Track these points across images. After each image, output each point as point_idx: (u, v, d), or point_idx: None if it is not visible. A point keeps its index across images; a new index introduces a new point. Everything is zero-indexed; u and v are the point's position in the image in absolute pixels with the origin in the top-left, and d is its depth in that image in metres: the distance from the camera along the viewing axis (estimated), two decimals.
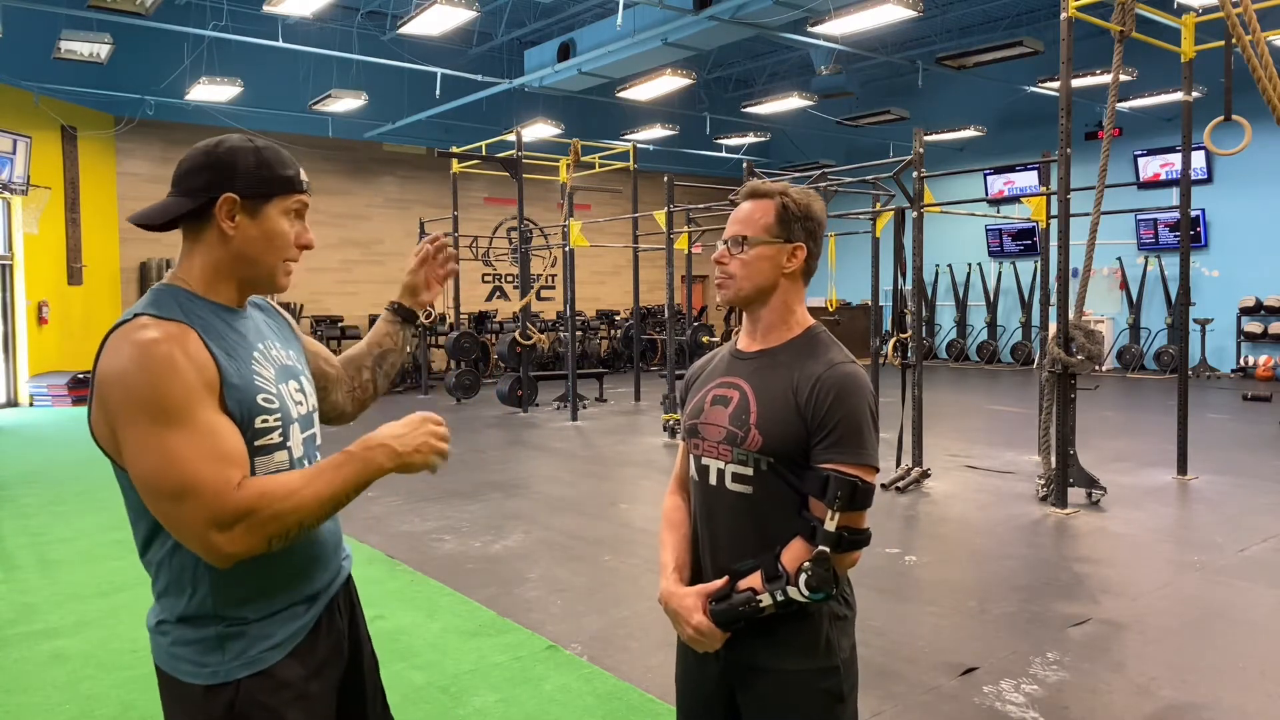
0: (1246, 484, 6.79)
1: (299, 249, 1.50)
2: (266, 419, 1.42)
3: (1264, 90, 3.97)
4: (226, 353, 1.40)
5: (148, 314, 1.36)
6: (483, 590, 4.56)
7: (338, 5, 14.14)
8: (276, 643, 1.44)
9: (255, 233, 1.44)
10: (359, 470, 1.39)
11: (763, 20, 11.64)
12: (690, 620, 1.66)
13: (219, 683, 1.39)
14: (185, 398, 1.30)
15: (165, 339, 1.32)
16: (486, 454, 8.48)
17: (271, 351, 1.52)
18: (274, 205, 1.45)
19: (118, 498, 1.48)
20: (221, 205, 1.42)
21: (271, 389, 1.45)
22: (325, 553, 1.54)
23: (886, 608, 4.26)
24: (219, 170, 1.42)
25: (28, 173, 11.86)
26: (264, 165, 1.44)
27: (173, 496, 1.29)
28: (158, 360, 1.30)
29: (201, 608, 1.40)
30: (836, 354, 1.68)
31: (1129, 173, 15.16)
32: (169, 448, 1.29)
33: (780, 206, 1.70)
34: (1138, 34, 6.32)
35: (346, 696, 1.59)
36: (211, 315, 1.43)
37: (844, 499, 1.56)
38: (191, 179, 1.43)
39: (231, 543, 1.29)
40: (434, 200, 16.77)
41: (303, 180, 1.49)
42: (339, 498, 1.37)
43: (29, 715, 3.26)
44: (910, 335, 7.37)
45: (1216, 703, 3.26)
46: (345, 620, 1.61)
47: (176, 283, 1.45)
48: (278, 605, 1.45)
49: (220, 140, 1.46)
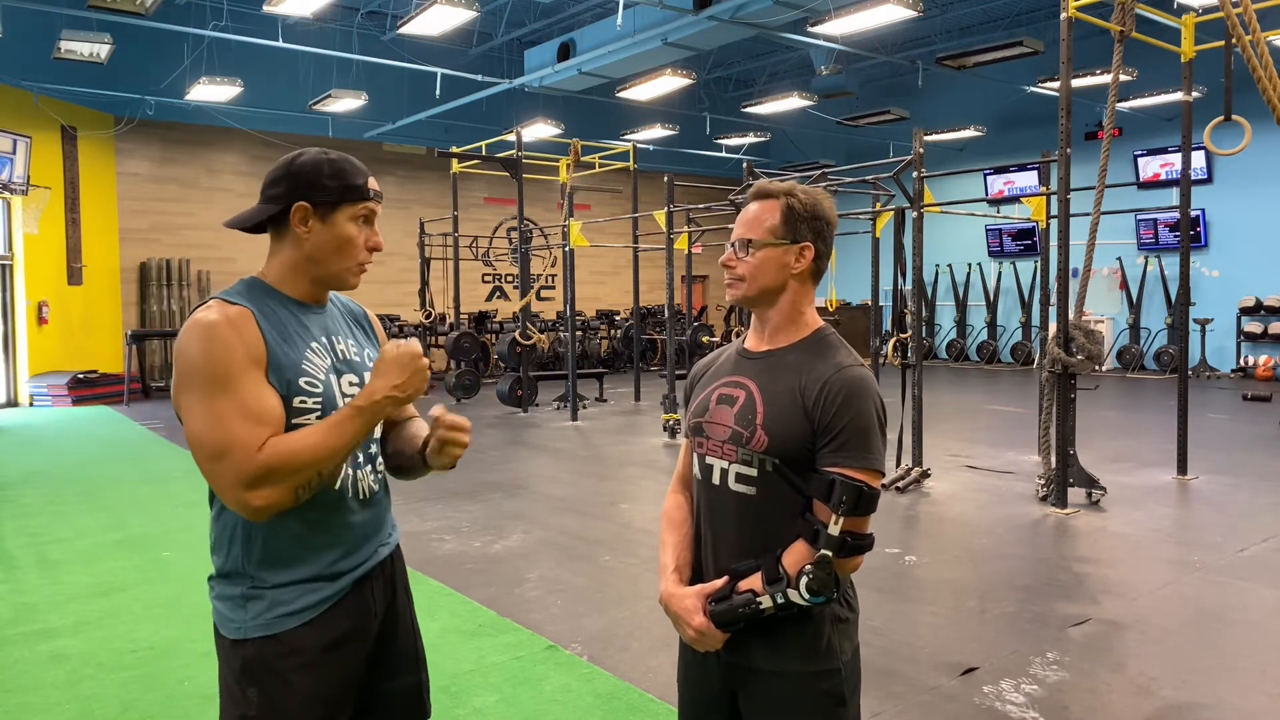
0: (1246, 484, 6.79)
1: (369, 251, 1.65)
2: (305, 400, 1.57)
3: (1264, 90, 3.97)
4: (280, 337, 1.56)
5: (218, 298, 1.56)
6: (483, 590, 4.56)
7: (338, 5, 14.15)
8: (293, 610, 1.56)
9: (326, 237, 1.61)
10: (368, 421, 1.55)
11: (763, 20, 11.64)
12: (691, 621, 1.66)
13: (240, 638, 1.56)
14: (230, 368, 1.48)
15: (222, 319, 1.51)
16: (486, 454, 8.48)
17: (338, 346, 1.68)
18: (343, 212, 1.61)
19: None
20: (296, 212, 1.59)
21: (319, 375, 1.60)
22: (355, 536, 1.65)
23: (886, 608, 4.26)
24: (295, 180, 1.59)
25: (28, 173, 11.85)
26: (335, 175, 1.60)
27: (213, 456, 1.47)
28: (212, 337, 1.49)
29: (234, 564, 1.58)
30: (845, 356, 1.67)
31: (1129, 173, 15.16)
32: (213, 411, 1.47)
33: (786, 207, 1.68)
34: (1138, 34, 6.32)
35: (373, 679, 1.68)
36: (278, 305, 1.60)
37: (849, 503, 1.55)
38: (273, 188, 1.61)
39: (260, 497, 1.46)
40: (434, 200, 16.76)
41: (371, 189, 1.64)
42: (350, 446, 1.53)
43: (29, 715, 3.25)
44: (910, 335, 7.37)
45: (1216, 703, 3.26)
46: (381, 602, 1.70)
47: (258, 276, 1.64)
48: (299, 575, 1.57)
49: (300, 153, 1.62)
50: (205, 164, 15.03)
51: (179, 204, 14.73)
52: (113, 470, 7.82)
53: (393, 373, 1.55)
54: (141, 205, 14.39)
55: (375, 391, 1.54)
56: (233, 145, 15.10)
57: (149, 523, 5.95)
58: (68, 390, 12.15)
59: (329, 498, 1.60)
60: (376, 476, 1.73)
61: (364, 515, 1.67)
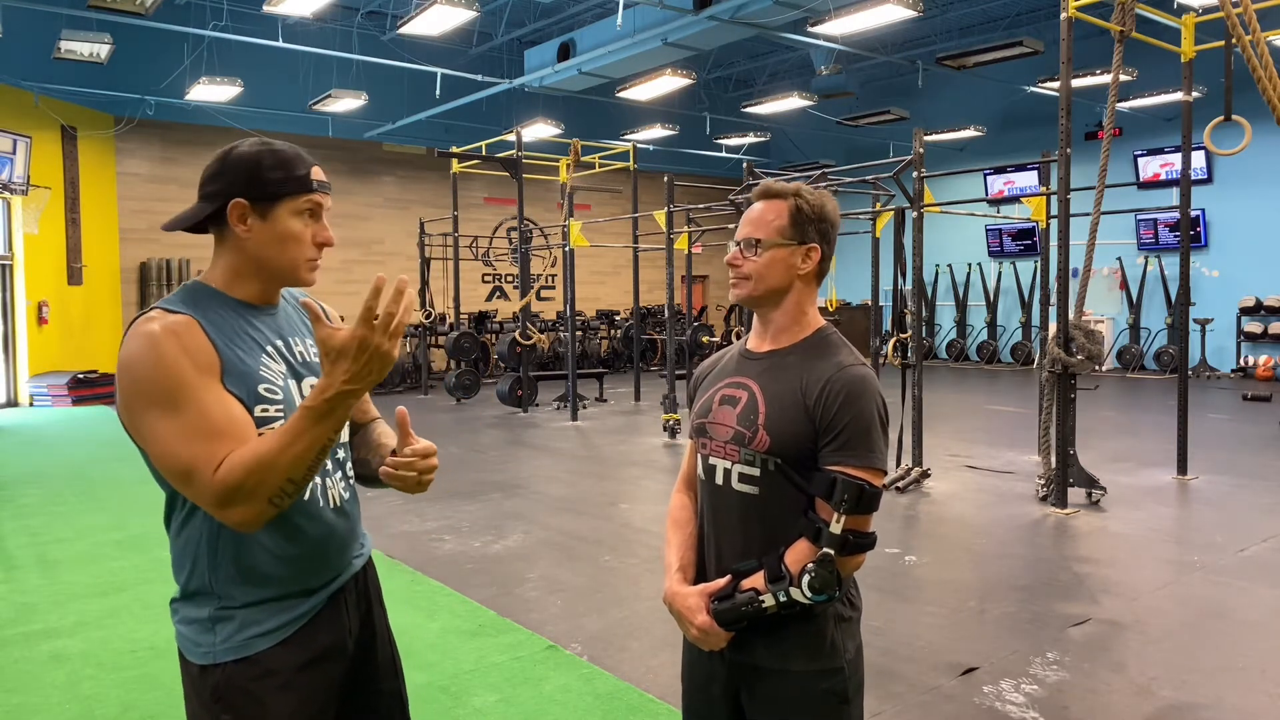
0: (1246, 484, 6.79)
1: (317, 247, 1.53)
2: (267, 408, 1.46)
3: (1264, 90, 3.97)
4: (230, 343, 1.45)
5: (160, 307, 1.45)
6: (483, 590, 4.56)
7: (338, 5, 14.14)
8: (266, 630, 1.47)
9: (268, 234, 1.49)
10: (323, 419, 1.34)
11: (763, 20, 11.64)
12: (694, 620, 1.66)
13: (209, 663, 1.46)
14: (180, 382, 1.37)
15: (165, 330, 1.39)
16: (486, 454, 8.48)
17: (295, 348, 1.57)
18: (284, 206, 1.49)
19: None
20: (232, 210, 1.47)
21: (277, 381, 1.49)
22: (327, 549, 1.56)
23: (886, 608, 4.26)
24: (232, 174, 1.48)
25: (28, 173, 11.85)
26: (274, 167, 1.48)
27: (181, 480, 1.38)
28: (156, 350, 1.38)
29: (199, 583, 1.47)
30: (846, 356, 1.67)
31: (1129, 173, 15.16)
32: (168, 432, 1.36)
33: (794, 208, 1.68)
34: (1138, 34, 6.32)
35: (353, 692, 1.61)
36: (226, 310, 1.49)
37: (850, 502, 1.55)
38: (210, 184, 1.50)
39: (236, 514, 1.36)
40: (434, 200, 16.76)
41: (314, 180, 1.51)
42: (315, 447, 1.35)
43: (29, 715, 3.25)
44: (910, 335, 7.37)
45: (1216, 703, 3.26)
46: (356, 616, 1.62)
47: (202, 280, 1.54)
48: (269, 593, 1.48)
49: (233, 146, 1.51)
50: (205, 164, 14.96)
51: (179, 204, 14.60)
52: (113, 470, 7.82)
53: (340, 363, 1.32)
54: (141, 205, 14.39)
55: (326, 388, 1.33)
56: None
57: (149, 523, 5.94)
58: (68, 390, 12.15)
59: (298, 507, 1.49)
60: (347, 484, 1.63)
61: (335, 525, 1.56)
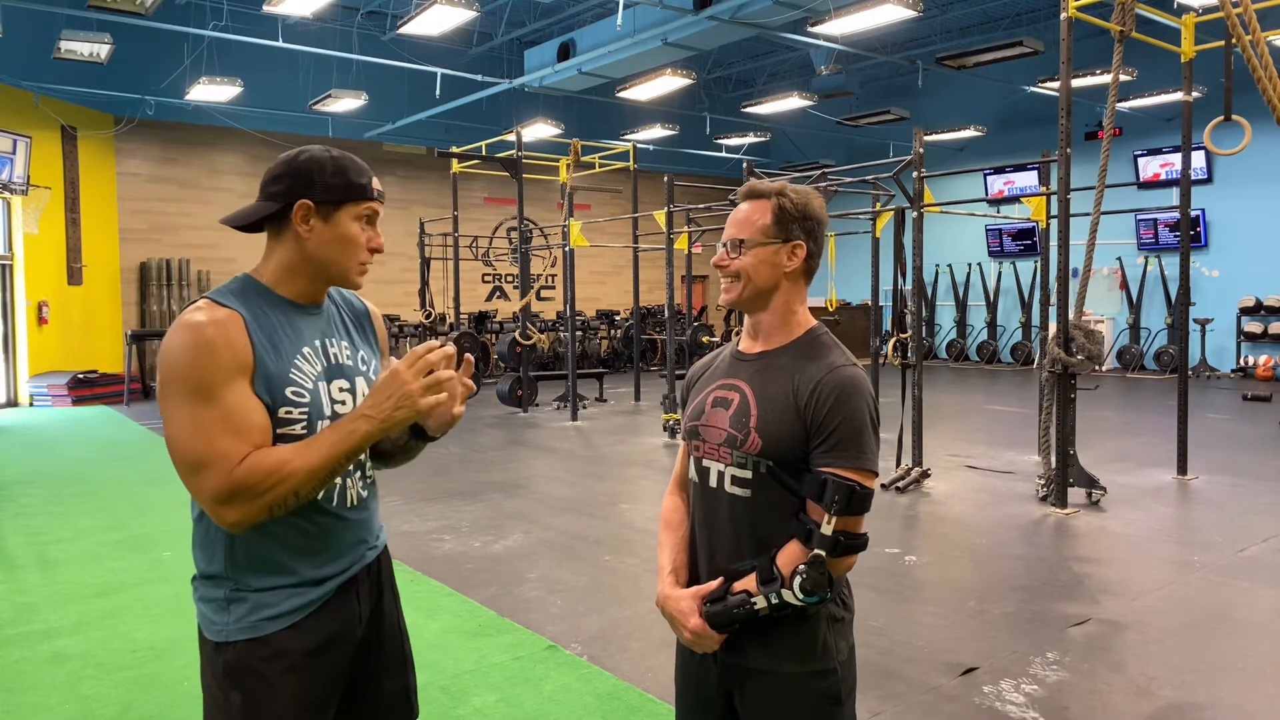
0: (1246, 484, 6.79)
1: (370, 252, 1.62)
2: (291, 410, 1.52)
3: (1264, 90, 3.96)
4: (270, 343, 1.52)
5: (208, 298, 1.52)
6: (483, 590, 4.56)
7: (338, 5, 14.14)
8: (277, 613, 1.54)
9: (328, 236, 1.57)
10: (342, 440, 1.48)
11: (763, 20, 11.64)
12: (687, 623, 1.66)
13: (223, 641, 1.53)
14: (214, 376, 1.44)
15: (210, 323, 1.46)
16: (486, 454, 8.48)
17: (330, 349, 1.64)
18: (346, 211, 1.57)
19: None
20: (298, 210, 1.55)
21: (306, 384, 1.55)
22: (341, 543, 1.63)
23: (886, 608, 4.26)
24: (297, 177, 1.55)
25: (28, 173, 11.85)
26: (339, 173, 1.57)
27: (191, 468, 1.44)
28: (198, 342, 1.45)
29: (217, 567, 1.55)
30: (837, 356, 1.67)
31: (1129, 173, 15.16)
32: (195, 420, 1.43)
33: (777, 207, 1.68)
34: (1138, 34, 6.32)
35: (360, 678, 1.67)
36: (271, 307, 1.56)
37: (841, 503, 1.55)
38: (274, 185, 1.57)
39: (233, 513, 1.44)
40: (434, 200, 16.76)
41: (374, 189, 1.60)
42: (329, 467, 1.48)
43: (29, 715, 3.25)
44: (910, 335, 7.37)
45: (1216, 703, 3.26)
46: (367, 606, 1.68)
47: (252, 274, 1.60)
48: (282, 580, 1.55)
49: (302, 150, 1.59)
50: (205, 164, 15.03)
51: (179, 204, 14.73)
52: (113, 470, 7.82)
53: (373, 393, 1.49)
54: (141, 205, 14.40)
55: (354, 412, 1.50)
56: (233, 145, 15.11)
57: (149, 523, 5.95)
58: (68, 390, 12.15)
59: (316, 506, 1.57)
60: (365, 483, 1.70)
61: (351, 522, 1.64)
